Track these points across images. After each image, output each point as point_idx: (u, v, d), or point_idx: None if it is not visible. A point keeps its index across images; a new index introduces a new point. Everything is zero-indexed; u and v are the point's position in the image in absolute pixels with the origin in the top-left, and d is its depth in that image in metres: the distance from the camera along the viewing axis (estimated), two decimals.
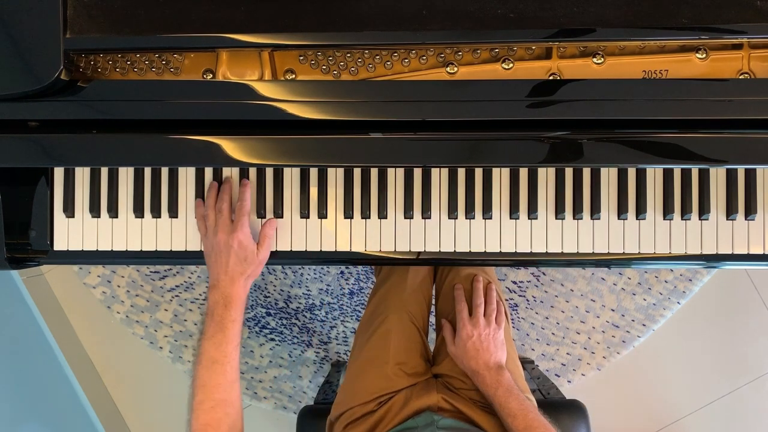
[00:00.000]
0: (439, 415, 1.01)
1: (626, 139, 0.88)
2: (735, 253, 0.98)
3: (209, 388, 0.88)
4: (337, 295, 1.77)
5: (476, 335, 1.06)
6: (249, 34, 0.87)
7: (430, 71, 0.93)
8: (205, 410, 0.87)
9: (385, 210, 0.99)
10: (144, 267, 1.77)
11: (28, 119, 0.90)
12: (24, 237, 1.00)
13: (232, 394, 0.90)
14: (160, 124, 0.90)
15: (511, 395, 0.99)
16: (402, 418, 1.03)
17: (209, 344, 0.91)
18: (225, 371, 0.89)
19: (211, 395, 0.88)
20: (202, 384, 0.89)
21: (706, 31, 0.85)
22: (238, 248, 0.93)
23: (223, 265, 0.93)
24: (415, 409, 1.04)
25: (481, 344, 1.05)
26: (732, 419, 1.81)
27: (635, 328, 1.78)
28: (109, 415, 1.83)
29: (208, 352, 0.90)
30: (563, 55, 0.92)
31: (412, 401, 1.05)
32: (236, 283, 0.93)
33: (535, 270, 1.77)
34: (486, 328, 1.07)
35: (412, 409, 1.03)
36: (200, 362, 0.90)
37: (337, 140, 0.90)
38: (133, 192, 1.01)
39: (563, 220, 0.99)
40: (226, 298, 0.92)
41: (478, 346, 1.05)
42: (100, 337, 1.84)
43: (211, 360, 0.90)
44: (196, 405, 0.88)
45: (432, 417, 1.00)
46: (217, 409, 0.87)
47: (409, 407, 1.04)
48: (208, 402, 0.88)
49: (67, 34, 0.87)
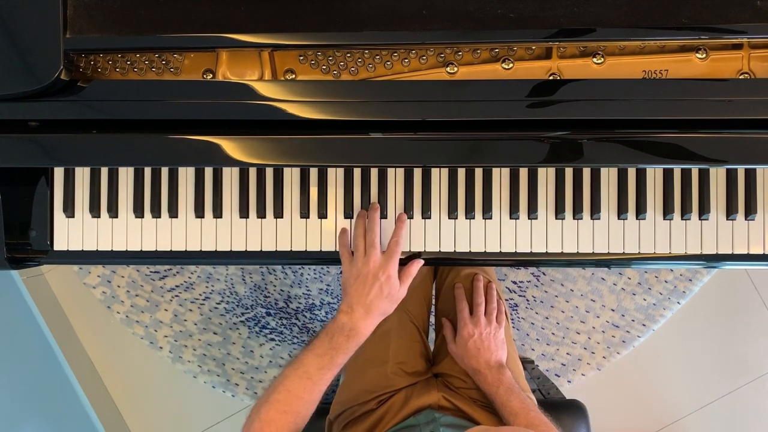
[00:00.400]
0: (440, 413, 1.01)
1: (626, 139, 0.88)
2: (735, 253, 0.98)
3: (292, 396, 0.90)
4: (337, 295, 1.77)
5: (477, 334, 1.06)
6: (249, 34, 0.87)
7: (430, 71, 0.93)
8: (278, 410, 0.89)
9: (385, 210, 1.00)
10: (144, 267, 1.77)
11: (28, 119, 0.90)
12: (24, 237, 1.00)
13: (307, 411, 0.91)
14: (160, 124, 0.90)
15: (513, 394, 1.00)
16: (402, 417, 1.03)
17: (313, 360, 0.92)
18: (313, 391, 0.91)
19: (290, 402, 0.90)
20: (287, 388, 0.91)
21: (706, 31, 0.85)
22: (385, 282, 0.94)
23: (364, 295, 0.93)
24: (416, 407, 1.04)
25: (482, 343, 1.05)
26: (732, 419, 1.81)
27: (635, 328, 1.78)
28: (109, 415, 1.83)
29: (308, 366, 0.92)
30: (563, 55, 0.92)
31: (412, 400, 1.05)
32: (370, 318, 0.94)
33: (535, 270, 1.77)
34: (487, 327, 1.07)
35: (412, 408, 1.04)
36: (296, 369, 0.92)
37: (337, 140, 0.90)
38: (133, 192, 1.01)
39: (563, 220, 0.99)
40: (351, 330, 0.93)
41: (479, 345, 1.05)
42: (100, 337, 1.84)
43: (307, 375, 0.91)
44: (272, 400, 0.90)
45: (433, 415, 1.00)
46: (288, 416, 0.89)
47: (410, 406, 1.04)
48: (284, 405, 0.89)
49: (67, 34, 0.87)
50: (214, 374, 1.80)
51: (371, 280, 0.93)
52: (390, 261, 0.95)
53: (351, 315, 0.93)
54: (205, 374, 1.80)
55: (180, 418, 1.84)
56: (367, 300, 0.93)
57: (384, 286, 0.94)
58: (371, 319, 0.94)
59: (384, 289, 0.94)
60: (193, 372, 1.80)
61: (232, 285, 1.77)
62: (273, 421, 0.88)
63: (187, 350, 1.80)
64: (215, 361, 1.80)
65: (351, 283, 0.95)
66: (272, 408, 0.89)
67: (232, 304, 1.78)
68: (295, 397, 0.90)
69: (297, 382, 0.91)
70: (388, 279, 0.94)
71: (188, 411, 1.84)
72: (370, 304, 0.93)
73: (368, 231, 0.97)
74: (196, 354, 1.80)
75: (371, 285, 0.93)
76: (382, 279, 0.94)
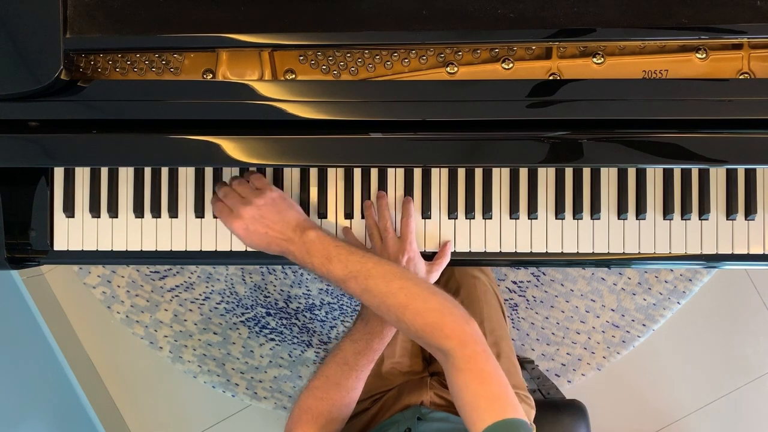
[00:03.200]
0: (428, 409, 1.01)
1: (626, 139, 0.88)
2: (735, 253, 0.98)
3: (329, 383, 0.90)
4: (337, 295, 1.77)
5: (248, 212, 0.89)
6: (249, 34, 0.87)
7: (430, 71, 0.93)
8: (316, 397, 0.90)
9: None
10: (144, 267, 1.77)
11: (28, 119, 0.90)
12: (24, 237, 1.00)
13: (344, 399, 0.91)
14: (160, 124, 0.90)
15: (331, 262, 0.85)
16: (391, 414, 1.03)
17: (350, 346, 0.92)
18: (350, 376, 0.91)
19: (327, 389, 0.90)
20: (326, 374, 0.91)
21: (706, 31, 0.85)
22: (407, 265, 0.93)
23: None
24: (405, 404, 1.04)
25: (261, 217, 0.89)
26: (732, 419, 1.81)
27: (635, 328, 1.78)
28: (109, 415, 1.83)
29: (345, 352, 0.92)
30: (563, 55, 0.92)
31: (403, 397, 1.05)
32: None
33: (535, 270, 1.77)
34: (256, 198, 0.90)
35: (402, 405, 1.04)
36: (334, 356, 0.92)
37: (337, 140, 0.90)
38: (133, 192, 1.01)
39: (563, 220, 0.99)
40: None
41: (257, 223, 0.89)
42: (100, 337, 1.84)
43: (344, 360, 0.91)
44: (311, 387, 0.91)
45: (420, 411, 1.00)
46: (324, 402, 0.89)
47: (401, 403, 1.04)
48: (321, 391, 0.90)
49: (67, 34, 0.86)
50: (214, 374, 1.80)
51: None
52: (406, 243, 0.94)
53: None
54: (205, 374, 1.80)
55: (180, 418, 1.84)
56: None
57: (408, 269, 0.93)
58: None
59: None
60: (193, 372, 1.80)
61: (232, 285, 1.77)
62: (310, 408, 0.89)
63: (187, 350, 1.80)
64: (215, 361, 1.80)
65: None
66: (310, 395, 0.90)
67: (232, 304, 1.78)
68: (333, 384, 0.90)
69: (335, 368, 0.91)
70: (410, 261, 0.93)
71: (188, 411, 1.84)
72: None
73: (380, 218, 0.96)
74: (196, 354, 1.80)
75: None
76: (404, 261, 0.93)
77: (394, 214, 0.99)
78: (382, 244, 0.95)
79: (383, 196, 0.97)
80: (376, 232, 0.96)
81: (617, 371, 1.80)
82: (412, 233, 0.95)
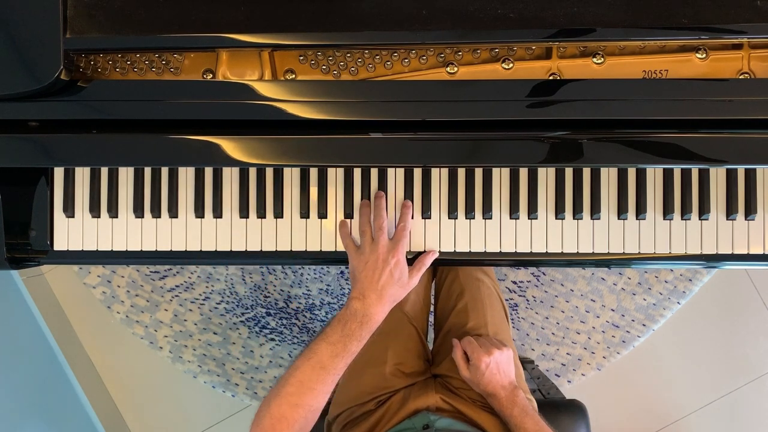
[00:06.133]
0: (436, 415, 1.01)
1: (626, 139, 0.88)
2: (735, 253, 0.98)
3: (304, 388, 0.88)
4: (337, 295, 1.77)
5: (492, 361, 1.02)
6: (249, 34, 0.87)
7: (430, 71, 0.93)
8: (291, 404, 0.87)
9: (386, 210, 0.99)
10: (144, 267, 1.77)
11: (28, 119, 0.90)
12: (24, 237, 1.00)
13: (319, 404, 0.89)
14: (160, 124, 0.90)
15: (527, 415, 0.98)
16: (399, 419, 1.02)
17: (326, 349, 0.90)
18: (326, 381, 0.89)
19: (302, 395, 0.87)
20: (300, 380, 0.88)
21: (706, 31, 0.85)
22: (394, 266, 0.93)
23: (375, 281, 0.92)
24: (413, 409, 1.03)
25: (498, 367, 1.03)
26: (732, 419, 1.81)
27: (635, 328, 1.78)
28: (109, 415, 1.83)
29: (321, 355, 0.89)
30: (563, 55, 0.92)
31: (409, 401, 1.04)
32: (381, 304, 0.93)
33: (535, 270, 1.77)
34: (498, 351, 1.04)
35: (409, 410, 1.03)
36: (309, 359, 0.89)
37: (337, 140, 0.90)
38: (133, 192, 1.01)
39: (563, 220, 0.99)
40: (365, 316, 0.91)
41: (494, 371, 1.02)
42: (100, 337, 1.84)
43: (320, 364, 0.89)
44: (284, 393, 0.87)
45: (428, 417, 1.00)
46: (300, 409, 0.87)
47: (407, 407, 1.04)
48: (295, 398, 0.87)
49: (67, 34, 0.86)
50: (214, 374, 1.80)
51: (381, 265, 0.92)
52: (398, 245, 0.94)
53: (363, 301, 0.92)
54: (205, 374, 1.80)
55: (180, 418, 1.84)
56: (378, 285, 0.92)
57: (394, 271, 0.93)
58: (383, 305, 0.93)
59: (395, 274, 0.93)
60: (193, 372, 1.80)
61: (232, 285, 1.77)
62: (284, 417, 0.86)
63: (187, 350, 1.80)
64: (215, 361, 1.80)
65: (360, 269, 0.94)
66: (283, 402, 0.86)
67: (232, 304, 1.78)
68: (308, 389, 0.88)
69: (310, 373, 0.88)
70: (397, 263, 0.93)
71: (188, 411, 1.84)
72: (382, 290, 0.92)
73: (375, 217, 0.96)
74: (196, 354, 1.80)
75: (381, 270, 0.92)
76: (392, 263, 0.93)
77: (394, 215, 0.99)
78: (372, 243, 0.95)
79: (381, 196, 0.98)
80: (369, 230, 0.96)
81: (617, 371, 1.80)
82: (405, 239, 0.95)
